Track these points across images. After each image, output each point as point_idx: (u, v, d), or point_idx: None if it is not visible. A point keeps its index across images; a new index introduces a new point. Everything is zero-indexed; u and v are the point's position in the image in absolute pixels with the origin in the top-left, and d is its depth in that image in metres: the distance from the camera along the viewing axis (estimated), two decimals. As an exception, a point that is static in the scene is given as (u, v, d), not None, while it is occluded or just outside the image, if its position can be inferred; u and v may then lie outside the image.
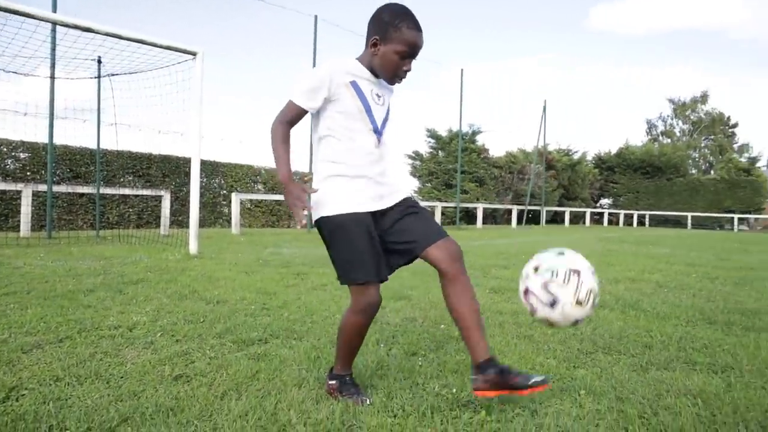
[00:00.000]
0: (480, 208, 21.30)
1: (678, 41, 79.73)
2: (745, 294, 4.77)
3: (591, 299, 1.90)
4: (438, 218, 18.28)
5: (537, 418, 1.89)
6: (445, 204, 20.69)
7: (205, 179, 15.25)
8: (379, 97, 2.03)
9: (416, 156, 27.66)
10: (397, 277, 5.39)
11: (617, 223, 31.51)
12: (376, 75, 2.02)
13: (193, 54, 7.03)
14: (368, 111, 1.98)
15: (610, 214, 32.30)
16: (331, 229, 1.95)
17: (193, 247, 6.98)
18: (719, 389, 2.19)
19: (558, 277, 1.89)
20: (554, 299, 1.88)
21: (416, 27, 1.93)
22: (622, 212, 31.57)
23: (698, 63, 79.85)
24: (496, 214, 26.60)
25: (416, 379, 2.26)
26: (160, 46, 6.86)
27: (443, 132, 26.67)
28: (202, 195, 14.57)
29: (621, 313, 3.74)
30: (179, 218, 13.40)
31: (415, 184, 27.23)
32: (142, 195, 13.10)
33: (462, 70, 18.89)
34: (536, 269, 1.96)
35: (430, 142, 27.37)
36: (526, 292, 1.97)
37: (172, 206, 12.38)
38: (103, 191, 11.04)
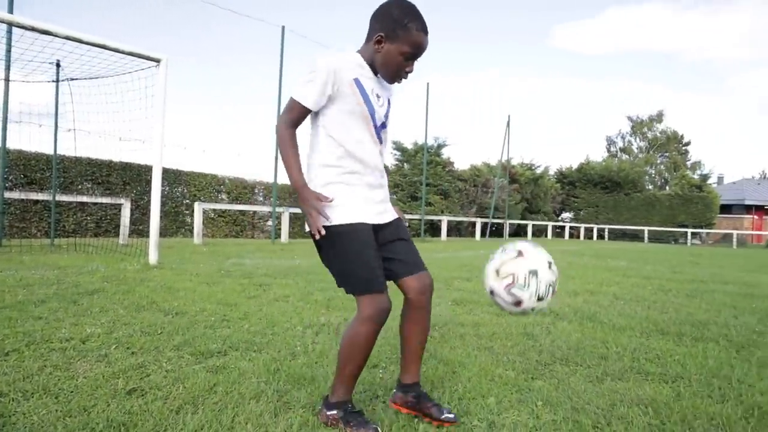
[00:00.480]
0: (444, 220, 21.49)
1: (637, 61, 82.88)
2: (695, 306, 4.95)
3: (550, 291, 2.02)
4: (403, 230, 18.30)
5: (494, 429, 1.92)
6: (410, 216, 20.77)
7: (167, 188, 14.93)
8: (378, 97, 1.95)
9: (382, 168, 27.75)
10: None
11: (578, 237, 32.26)
12: (375, 72, 1.96)
13: (157, 61, 6.92)
14: (371, 111, 1.90)
15: (571, 227, 33.05)
16: (339, 237, 1.83)
17: (153, 257, 6.81)
18: (669, 398, 2.27)
19: (519, 281, 1.98)
20: (518, 300, 1.99)
21: (424, 29, 1.89)
22: (583, 226, 32.35)
23: (655, 83, 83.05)
24: (460, 227, 26.87)
25: (376, 391, 2.26)
26: (123, 52, 6.72)
27: (409, 144, 26.93)
28: (164, 204, 14.25)
29: (579, 325, 3.83)
30: (140, 227, 13.06)
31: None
32: (101, 203, 12.71)
33: (428, 83, 19.12)
34: (497, 272, 2.03)
35: (395, 154, 27.54)
36: (492, 293, 2.06)
37: (132, 215, 12.05)
38: (59, 198, 10.68)
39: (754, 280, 7.87)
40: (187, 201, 15.40)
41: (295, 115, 1.85)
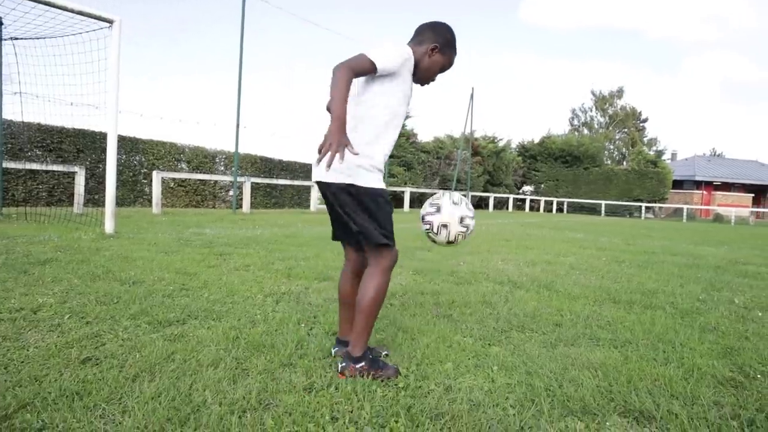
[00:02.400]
0: (407, 192, 21.59)
1: (601, 37, 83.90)
2: (646, 276, 5.15)
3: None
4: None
5: (451, 393, 1.97)
6: (374, 187, 20.75)
7: (124, 156, 14.43)
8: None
9: (346, 139, 27.50)
10: (320, 257, 5.36)
11: (538, 209, 32.96)
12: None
13: (110, 22, 6.59)
14: (407, 103, 2.17)
15: (531, 200, 33.71)
16: (382, 198, 2.10)
17: (109, 226, 6.61)
18: (617, 362, 2.37)
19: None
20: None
21: (457, 52, 2.29)
22: (543, 199, 33.05)
23: (617, 59, 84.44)
24: (423, 199, 27.04)
25: (336, 357, 2.28)
26: (71, 11, 6.36)
27: (373, 116, 26.67)
28: (121, 173, 13.78)
29: (536, 294, 3.94)
30: (95, 196, 12.63)
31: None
32: (54, 171, 12.19)
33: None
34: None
35: (360, 125, 27.33)
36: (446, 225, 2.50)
37: (87, 183, 11.62)
38: (6, 165, 10.20)
39: (700, 251, 8.24)
40: (145, 170, 14.94)
41: (360, 67, 1.95)
